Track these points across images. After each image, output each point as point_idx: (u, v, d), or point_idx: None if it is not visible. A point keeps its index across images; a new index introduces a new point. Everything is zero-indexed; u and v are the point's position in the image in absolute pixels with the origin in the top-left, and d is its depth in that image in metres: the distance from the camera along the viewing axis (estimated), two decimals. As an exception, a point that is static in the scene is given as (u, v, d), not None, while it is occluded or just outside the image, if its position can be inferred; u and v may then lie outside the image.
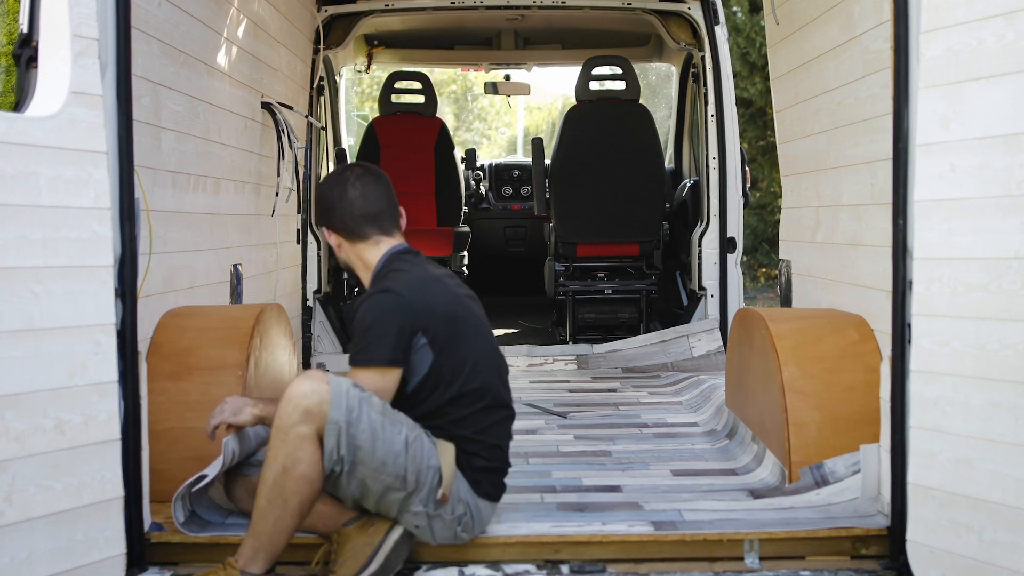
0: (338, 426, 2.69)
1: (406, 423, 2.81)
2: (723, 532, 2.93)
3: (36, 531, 2.56)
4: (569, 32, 7.44)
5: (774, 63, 4.62)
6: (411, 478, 2.76)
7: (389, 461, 2.74)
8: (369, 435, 2.72)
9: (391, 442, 2.74)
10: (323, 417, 2.69)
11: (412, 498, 2.78)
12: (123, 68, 2.79)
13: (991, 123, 2.61)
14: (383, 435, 2.74)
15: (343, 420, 2.70)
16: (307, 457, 2.70)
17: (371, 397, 2.76)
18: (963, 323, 2.65)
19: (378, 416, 2.75)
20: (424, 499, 2.79)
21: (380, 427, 2.74)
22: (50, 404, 2.58)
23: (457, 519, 2.85)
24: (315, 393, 2.70)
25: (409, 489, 2.77)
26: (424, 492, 2.79)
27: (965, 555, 2.65)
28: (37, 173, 2.56)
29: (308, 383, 2.72)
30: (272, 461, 2.72)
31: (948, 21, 2.68)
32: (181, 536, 2.91)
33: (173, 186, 3.70)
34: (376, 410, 2.75)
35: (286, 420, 2.70)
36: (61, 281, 2.61)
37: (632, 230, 6.41)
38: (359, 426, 2.71)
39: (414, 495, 2.78)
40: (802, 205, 4.28)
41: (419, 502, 2.79)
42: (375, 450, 2.73)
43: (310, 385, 2.71)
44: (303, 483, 2.70)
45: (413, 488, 2.77)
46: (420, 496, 2.79)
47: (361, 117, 17.06)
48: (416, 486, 2.77)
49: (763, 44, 11.17)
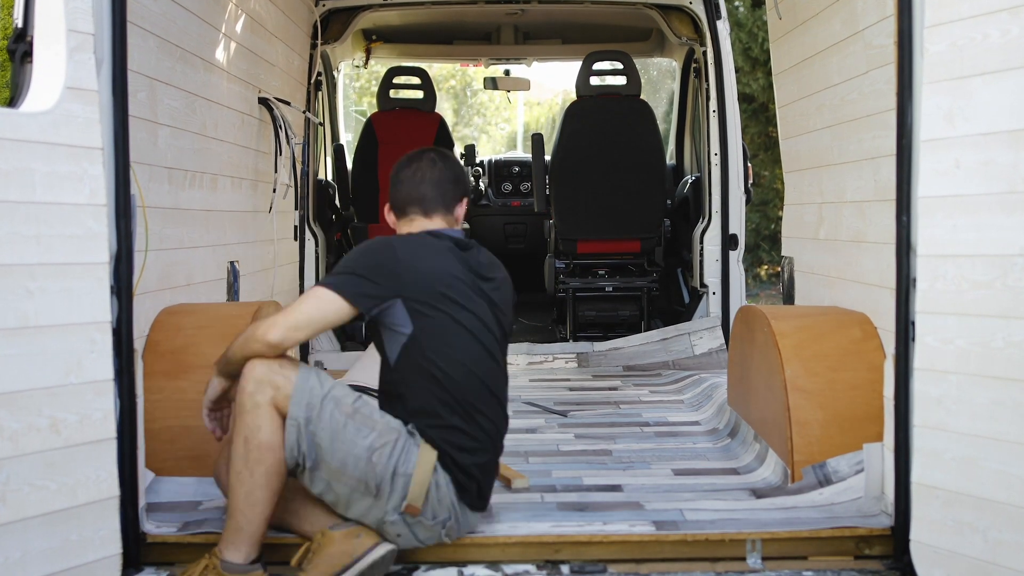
0: (297, 422, 2.71)
1: (379, 428, 2.77)
2: (725, 532, 2.91)
3: (30, 531, 2.53)
4: (569, 27, 7.41)
5: (776, 58, 4.59)
6: (372, 484, 2.74)
7: (349, 464, 2.73)
8: (329, 435, 2.72)
9: (351, 444, 2.73)
10: (283, 392, 2.71)
11: (381, 505, 2.75)
12: (119, 63, 2.77)
13: (996, 119, 2.58)
14: (344, 436, 2.72)
15: (302, 417, 2.71)
16: (266, 424, 2.71)
17: (341, 399, 2.75)
18: (968, 320, 2.63)
19: (342, 417, 2.74)
20: (396, 506, 2.76)
21: (342, 428, 2.73)
22: (45, 403, 2.56)
23: (441, 523, 2.82)
24: (278, 373, 2.73)
25: (372, 494, 2.74)
26: (395, 500, 2.75)
27: (970, 555, 2.62)
28: (32, 169, 2.54)
29: (265, 364, 2.73)
30: (236, 436, 2.73)
31: (952, 16, 2.65)
32: (177, 536, 2.89)
33: (169, 182, 3.67)
34: (343, 411, 2.74)
35: (246, 392, 2.72)
36: (56, 278, 2.59)
37: (633, 227, 6.38)
38: (319, 424, 2.72)
39: (380, 502, 2.75)
40: (805, 201, 4.26)
41: (392, 510, 2.76)
42: (335, 451, 2.72)
43: (268, 366, 2.73)
44: (265, 450, 2.70)
45: (375, 494, 2.74)
46: (392, 503, 2.75)
47: (359, 113, 17.04)
48: (378, 492, 2.74)
49: (765, 39, 11.17)
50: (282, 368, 2.75)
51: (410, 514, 2.76)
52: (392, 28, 7.30)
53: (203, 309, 3.66)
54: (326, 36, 6.19)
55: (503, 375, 3.03)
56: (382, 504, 2.75)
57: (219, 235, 4.21)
